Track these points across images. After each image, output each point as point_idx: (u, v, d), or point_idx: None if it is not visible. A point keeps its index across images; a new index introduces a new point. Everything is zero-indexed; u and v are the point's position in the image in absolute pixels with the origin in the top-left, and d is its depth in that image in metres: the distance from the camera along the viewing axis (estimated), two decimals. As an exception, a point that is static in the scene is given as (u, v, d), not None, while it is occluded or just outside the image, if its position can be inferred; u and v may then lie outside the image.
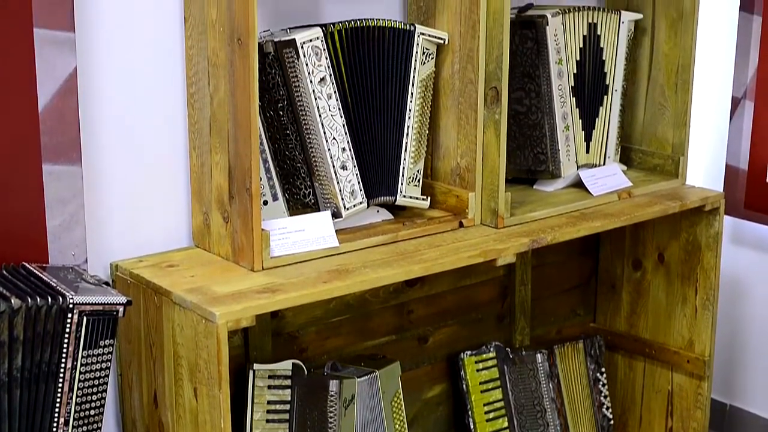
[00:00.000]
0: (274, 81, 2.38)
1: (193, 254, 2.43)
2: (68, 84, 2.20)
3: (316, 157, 2.42)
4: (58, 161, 2.22)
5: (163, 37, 2.38)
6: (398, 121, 2.53)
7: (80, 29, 2.24)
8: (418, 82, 2.55)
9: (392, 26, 2.50)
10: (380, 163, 2.52)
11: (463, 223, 2.62)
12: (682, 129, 3.04)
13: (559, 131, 2.83)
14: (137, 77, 2.36)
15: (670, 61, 3.04)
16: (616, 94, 2.98)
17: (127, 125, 2.36)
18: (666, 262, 3.15)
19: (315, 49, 2.37)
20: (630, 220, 2.81)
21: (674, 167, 3.06)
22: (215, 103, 2.32)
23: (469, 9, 2.55)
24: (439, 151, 2.69)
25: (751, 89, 3.27)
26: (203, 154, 2.38)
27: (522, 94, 2.82)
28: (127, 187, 2.39)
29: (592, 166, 2.95)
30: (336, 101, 2.41)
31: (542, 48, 2.77)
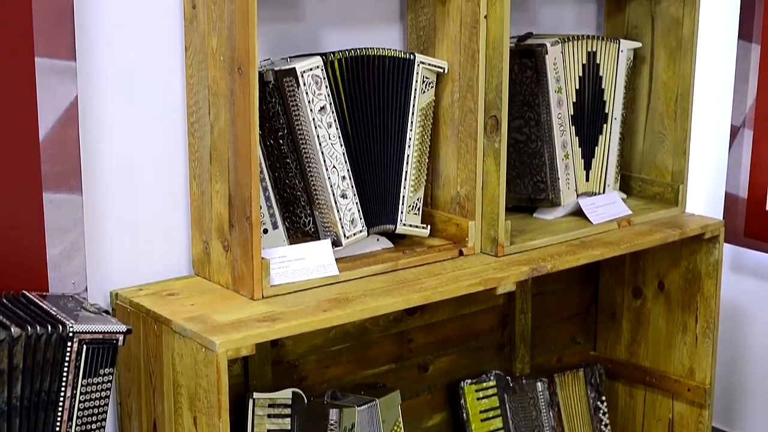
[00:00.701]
0: (275, 110, 2.39)
1: (193, 283, 2.43)
2: (69, 113, 2.21)
3: (316, 185, 2.42)
4: (58, 190, 2.22)
5: (164, 66, 2.39)
6: (398, 149, 2.53)
7: (81, 58, 2.24)
8: (417, 111, 2.55)
9: (392, 55, 2.50)
10: (380, 191, 2.53)
11: (463, 252, 2.62)
12: (682, 157, 3.05)
13: (558, 160, 2.83)
14: (138, 106, 2.37)
15: (669, 89, 3.05)
16: (616, 123, 2.99)
17: (128, 154, 2.37)
18: (666, 290, 3.15)
19: (315, 78, 2.38)
20: (630, 249, 2.81)
21: (674, 195, 3.06)
22: (215, 132, 2.32)
23: (468, 38, 2.56)
24: (439, 179, 2.69)
25: (750, 117, 3.28)
26: (203, 183, 2.39)
27: (522, 122, 2.83)
28: (127, 215, 2.39)
29: (591, 194, 2.95)
30: (336, 130, 2.42)
31: (542, 77, 2.78)
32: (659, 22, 3.04)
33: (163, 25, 2.37)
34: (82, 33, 2.25)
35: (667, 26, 3.03)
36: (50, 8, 2.14)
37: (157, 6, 2.35)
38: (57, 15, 2.16)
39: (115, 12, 2.30)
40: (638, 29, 3.10)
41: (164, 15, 2.37)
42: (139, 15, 2.33)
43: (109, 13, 2.29)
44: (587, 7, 3.19)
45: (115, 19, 2.30)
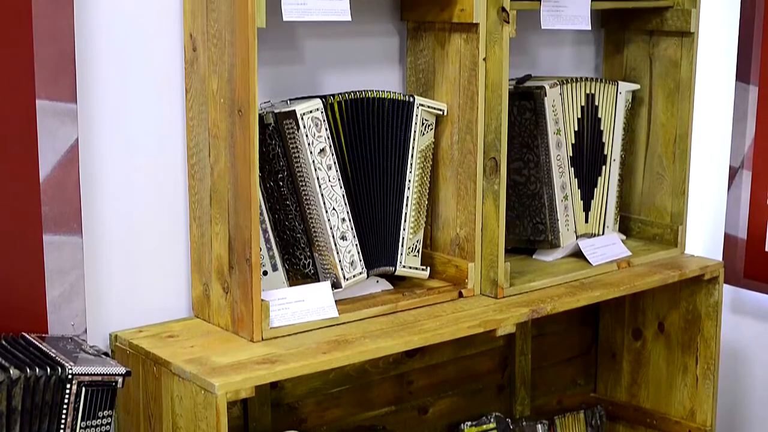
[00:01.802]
0: (275, 152, 2.39)
1: (192, 325, 2.43)
2: (70, 155, 2.22)
3: (315, 227, 2.43)
4: (58, 231, 2.22)
5: (164, 108, 2.40)
6: (398, 191, 2.54)
7: (82, 100, 2.26)
8: (417, 153, 2.56)
9: (392, 97, 2.52)
10: (380, 233, 2.53)
11: (463, 294, 2.62)
12: (681, 198, 3.05)
13: (558, 201, 2.84)
14: (138, 148, 2.37)
15: (668, 130, 3.06)
16: (615, 164, 3.00)
17: (128, 195, 2.37)
18: (666, 332, 3.14)
19: (315, 120, 2.39)
20: (629, 290, 2.81)
21: (673, 236, 3.07)
22: (216, 174, 2.33)
23: (467, 80, 2.57)
24: (438, 221, 2.70)
25: (748, 158, 3.29)
26: (203, 225, 2.39)
27: (521, 164, 2.83)
28: (127, 257, 2.39)
29: (591, 235, 2.96)
30: (336, 172, 2.42)
31: (540, 118, 2.79)
32: (657, 63, 3.06)
33: (164, 68, 2.38)
34: (83, 75, 2.26)
35: (665, 68, 3.04)
36: (52, 51, 2.16)
37: (158, 49, 2.37)
38: (58, 57, 2.17)
39: (116, 54, 2.31)
40: (636, 71, 3.11)
41: (165, 57, 2.38)
42: (139, 57, 2.35)
43: (110, 55, 2.31)
44: (585, 49, 3.21)
45: (116, 61, 2.32)
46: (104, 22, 2.29)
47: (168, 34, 2.38)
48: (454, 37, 2.60)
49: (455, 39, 2.60)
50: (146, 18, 2.35)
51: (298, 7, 2.26)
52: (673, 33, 3.01)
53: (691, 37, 2.97)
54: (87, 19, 2.26)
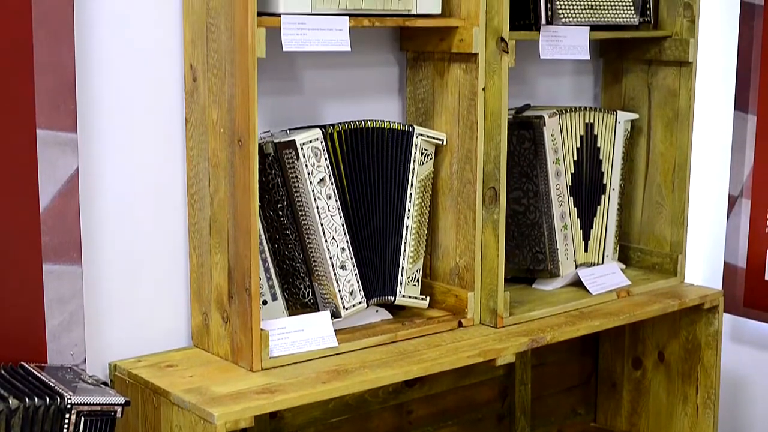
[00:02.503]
0: (274, 181, 2.40)
1: (192, 354, 2.43)
2: (70, 185, 2.22)
3: (315, 257, 2.43)
4: (58, 261, 2.22)
5: (164, 138, 2.41)
6: (397, 221, 2.54)
7: (82, 130, 2.26)
8: (416, 183, 2.57)
9: (391, 127, 2.52)
10: (379, 262, 2.53)
11: (463, 323, 2.62)
12: (680, 227, 3.06)
13: (557, 230, 2.84)
14: (138, 178, 2.38)
15: (667, 160, 3.06)
16: (614, 193, 3.00)
17: (128, 225, 2.38)
18: (666, 361, 3.14)
19: (315, 150, 2.39)
20: (629, 319, 2.81)
21: (673, 265, 3.07)
22: (215, 204, 2.33)
23: (466, 110, 2.58)
24: (438, 250, 2.70)
25: (747, 187, 3.29)
26: (203, 254, 2.39)
27: (520, 193, 2.84)
28: (127, 286, 2.39)
29: (590, 264, 2.96)
30: (335, 201, 2.43)
31: (540, 148, 2.80)
32: (656, 93, 3.07)
33: (164, 98, 2.39)
34: (84, 105, 2.27)
35: (663, 97, 3.05)
36: (52, 80, 2.17)
37: (158, 79, 2.38)
38: (59, 87, 2.18)
39: (116, 84, 2.32)
40: (635, 100, 3.13)
41: (165, 87, 2.39)
42: (140, 87, 2.36)
43: (111, 85, 2.31)
44: (584, 79, 3.22)
45: (117, 91, 2.32)
46: (105, 52, 2.30)
47: (168, 64, 2.39)
48: (453, 67, 2.61)
49: (454, 69, 2.61)
50: (147, 48, 2.36)
51: (297, 38, 2.27)
52: (672, 63, 3.02)
53: (689, 67, 2.99)
54: (88, 49, 2.27)
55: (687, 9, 2.97)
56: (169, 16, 2.38)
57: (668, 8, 3.01)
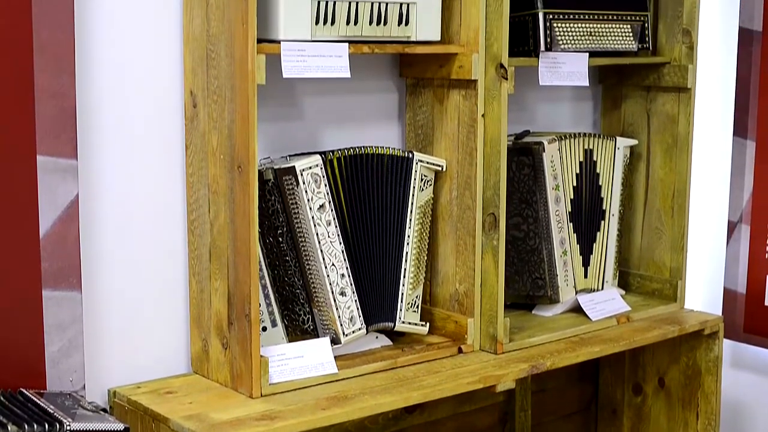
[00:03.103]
0: (274, 208, 2.40)
1: (191, 381, 2.42)
2: (70, 211, 2.22)
3: (315, 283, 2.43)
4: (58, 287, 2.22)
5: (165, 164, 2.41)
6: (397, 247, 2.54)
7: (83, 156, 2.27)
8: (416, 209, 2.57)
9: (391, 153, 2.53)
10: (379, 289, 2.53)
11: (462, 349, 2.62)
12: (680, 253, 3.06)
13: (557, 256, 2.84)
14: (138, 204, 2.38)
15: (666, 185, 3.07)
16: (613, 219, 3.00)
17: (128, 251, 2.38)
18: (666, 387, 3.13)
19: (314, 176, 2.40)
20: (629, 345, 2.80)
21: (672, 291, 3.07)
22: (215, 230, 2.33)
23: (466, 136, 2.59)
24: (437, 276, 2.70)
25: (747, 213, 3.29)
26: (203, 281, 2.39)
27: (520, 219, 2.84)
28: (126, 312, 2.39)
29: (590, 290, 2.96)
30: (335, 228, 2.43)
31: (539, 174, 2.80)
32: (655, 119, 3.08)
33: (164, 124, 2.40)
34: (84, 131, 2.27)
35: (662, 123, 3.06)
36: (53, 107, 2.17)
37: (159, 105, 2.38)
38: (59, 113, 2.18)
39: (116, 110, 2.33)
40: (634, 126, 3.13)
41: (165, 114, 2.39)
42: (140, 113, 2.36)
43: (111, 111, 2.32)
44: (583, 105, 3.23)
45: (117, 117, 2.33)
46: (105, 79, 2.30)
47: (168, 90, 2.40)
48: (452, 93, 2.62)
49: (454, 95, 2.61)
50: (147, 74, 2.36)
51: (297, 65, 2.28)
52: (671, 89, 3.03)
53: (688, 93, 3.00)
54: (88, 76, 2.27)
55: (685, 35, 2.98)
56: (170, 43, 2.38)
57: (667, 35, 3.02)
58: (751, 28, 3.20)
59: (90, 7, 2.26)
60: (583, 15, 2.76)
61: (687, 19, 2.97)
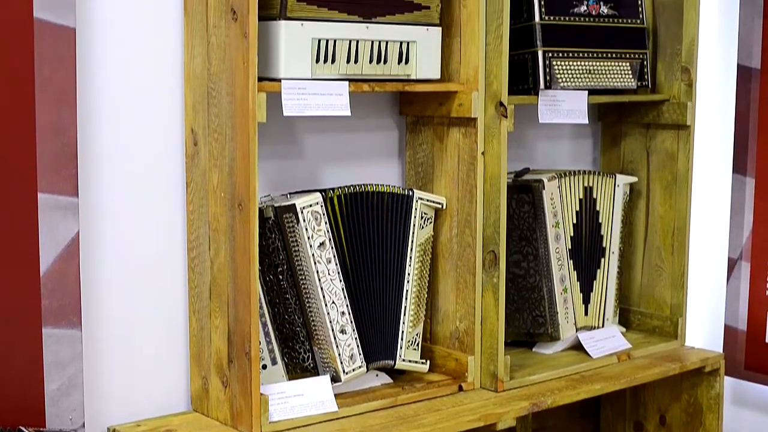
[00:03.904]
0: (274, 245, 2.40)
1: (191, 419, 2.41)
2: (70, 249, 2.22)
3: (315, 321, 2.43)
4: (58, 325, 2.22)
5: (165, 202, 2.41)
6: (397, 284, 2.54)
7: (83, 194, 2.27)
8: (416, 246, 2.57)
9: (391, 191, 2.53)
10: (379, 326, 2.53)
11: (463, 387, 2.61)
12: (680, 290, 3.06)
13: (557, 294, 2.84)
14: (139, 242, 2.38)
15: (666, 223, 3.07)
16: (614, 257, 3.00)
17: (128, 289, 2.38)
18: (668, 424, 3.12)
19: (315, 214, 2.40)
20: (630, 383, 2.80)
21: (673, 329, 3.06)
22: (215, 268, 2.33)
23: (466, 174, 2.59)
24: (438, 314, 2.70)
25: (747, 250, 3.30)
26: (203, 318, 2.39)
27: (520, 257, 2.84)
28: (126, 350, 2.39)
29: (590, 328, 2.95)
30: (335, 265, 2.43)
31: (539, 211, 2.80)
32: (654, 156, 3.09)
33: (165, 162, 2.40)
34: (85, 169, 2.28)
35: (662, 161, 3.07)
36: (54, 145, 2.18)
37: (159, 143, 2.39)
38: (60, 151, 2.19)
39: (117, 148, 2.33)
40: (634, 164, 3.14)
41: (166, 152, 2.40)
42: (141, 151, 2.37)
43: (112, 149, 2.33)
44: (583, 142, 3.24)
45: (118, 155, 2.34)
46: (106, 116, 2.31)
47: (169, 128, 2.40)
48: (452, 131, 2.63)
49: (454, 133, 2.62)
50: (148, 112, 2.37)
51: (298, 103, 2.29)
52: (670, 126, 3.04)
53: (687, 130, 3.01)
54: (89, 114, 2.28)
55: (684, 73, 2.99)
56: (171, 81, 2.39)
57: (666, 72, 3.03)
58: (750, 66, 3.22)
59: (92, 44, 2.27)
60: (582, 53, 2.77)
61: (686, 57, 2.99)
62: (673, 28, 3.00)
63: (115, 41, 2.32)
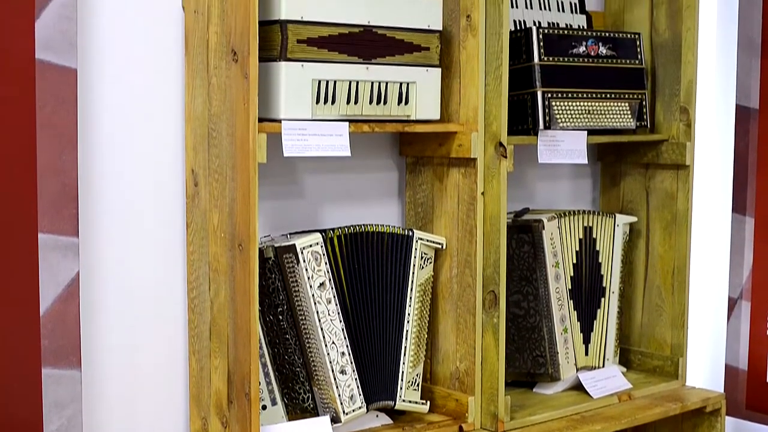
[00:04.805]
0: (274, 285, 2.40)
1: (190, 460, 2.41)
2: (70, 289, 2.22)
3: (315, 361, 2.42)
4: (57, 365, 2.22)
5: (165, 242, 2.42)
6: (397, 325, 2.54)
7: (84, 234, 2.27)
8: (416, 287, 2.57)
9: (391, 231, 2.54)
10: (379, 367, 2.52)
11: (463, 428, 2.60)
12: (680, 330, 3.05)
13: (557, 334, 2.84)
14: (139, 282, 2.38)
15: (666, 262, 3.07)
16: (614, 296, 3.00)
17: (128, 329, 2.38)
18: (669, 465, 3.11)
19: (315, 254, 2.40)
20: (631, 423, 2.79)
21: (674, 368, 3.06)
22: (215, 308, 2.33)
23: (466, 214, 2.60)
24: (438, 354, 2.69)
25: (747, 289, 3.30)
26: (202, 359, 2.39)
27: (520, 297, 2.84)
28: (125, 391, 2.38)
29: (591, 368, 2.95)
30: (335, 306, 2.43)
31: (539, 251, 2.81)
32: (654, 196, 3.09)
33: (166, 202, 2.41)
34: (86, 209, 2.28)
35: (661, 200, 3.07)
36: (55, 185, 2.18)
37: (160, 183, 2.40)
38: (61, 191, 2.19)
39: (118, 189, 2.34)
40: (633, 203, 3.14)
41: (167, 192, 2.41)
42: (142, 192, 2.37)
43: (113, 189, 2.33)
44: (582, 182, 3.25)
45: (118, 195, 2.34)
46: (107, 156, 2.32)
47: (170, 168, 2.41)
48: (452, 171, 2.63)
49: (453, 173, 2.63)
50: (149, 152, 2.38)
51: (298, 143, 2.29)
52: (669, 166, 3.04)
53: (686, 170, 3.01)
54: (90, 154, 2.29)
55: (683, 113, 3.00)
56: (171, 121, 2.41)
57: (664, 112, 3.04)
58: (748, 106, 3.23)
59: (93, 85, 2.29)
60: (581, 94, 2.79)
61: (684, 97, 3.00)
62: (672, 69, 3.02)
63: (116, 82, 2.33)
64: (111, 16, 2.31)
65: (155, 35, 2.38)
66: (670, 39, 3.01)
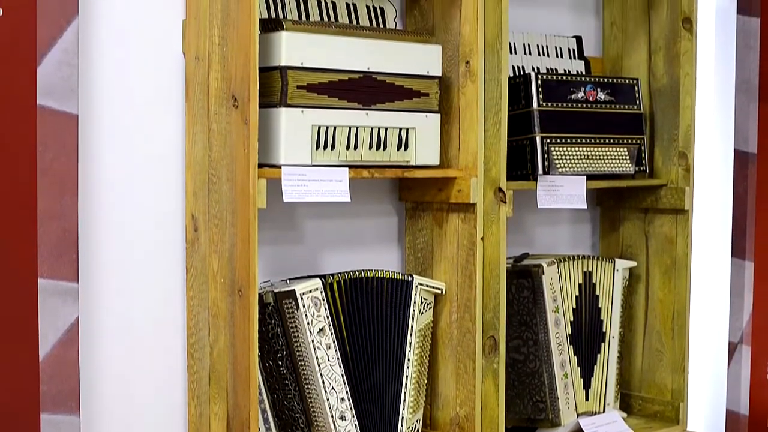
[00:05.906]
0: (274, 331, 2.40)
1: (189, 507, 2.40)
2: (70, 334, 2.22)
3: (314, 407, 2.42)
4: (56, 410, 2.21)
5: (165, 287, 2.42)
6: (397, 370, 2.54)
7: (83, 279, 2.27)
8: (416, 332, 2.57)
9: (390, 277, 2.54)
10: (379, 413, 2.51)
11: (463, 474, 2.59)
12: (681, 375, 3.04)
13: (557, 379, 2.83)
14: (139, 328, 2.38)
15: (666, 307, 3.07)
16: (614, 341, 3.00)
17: (127, 376, 2.37)
18: None
19: (314, 300, 2.40)
20: (632, 469, 2.78)
21: (674, 413, 3.05)
22: (215, 354, 2.33)
23: (465, 259, 2.60)
24: (438, 400, 2.68)
25: (747, 334, 3.30)
26: (202, 405, 2.38)
27: (519, 342, 2.84)
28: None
29: (591, 413, 2.94)
30: (335, 351, 2.42)
31: (539, 297, 2.81)
32: (653, 241, 3.10)
33: (165, 248, 2.41)
34: (86, 254, 2.28)
35: (661, 245, 3.08)
36: (55, 231, 2.18)
37: (160, 229, 2.40)
38: (61, 236, 2.19)
39: (118, 234, 2.34)
40: (633, 248, 3.15)
41: (166, 237, 2.41)
42: (141, 237, 2.38)
43: (113, 235, 2.33)
44: (582, 227, 3.25)
45: (118, 241, 2.34)
46: (107, 202, 2.33)
47: (170, 214, 2.42)
48: (451, 216, 2.64)
49: (453, 219, 2.63)
50: (149, 198, 2.39)
51: (298, 189, 2.30)
52: (668, 211, 3.05)
53: (685, 215, 3.02)
54: (90, 199, 2.30)
55: (682, 158, 3.01)
56: (172, 166, 2.41)
57: (663, 157, 3.05)
58: (747, 150, 3.25)
59: (94, 130, 2.30)
60: (580, 139, 2.80)
61: (683, 142, 3.01)
62: (670, 114, 3.03)
63: (117, 127, 2.34)
64: (112, 62, 2.33)
65: (156, 81, 2.39)
66: (668, 84, 3.03)
